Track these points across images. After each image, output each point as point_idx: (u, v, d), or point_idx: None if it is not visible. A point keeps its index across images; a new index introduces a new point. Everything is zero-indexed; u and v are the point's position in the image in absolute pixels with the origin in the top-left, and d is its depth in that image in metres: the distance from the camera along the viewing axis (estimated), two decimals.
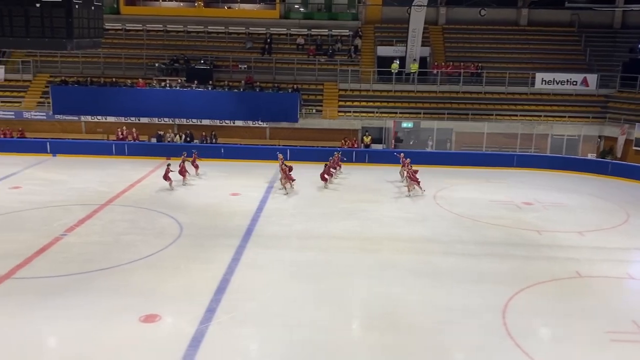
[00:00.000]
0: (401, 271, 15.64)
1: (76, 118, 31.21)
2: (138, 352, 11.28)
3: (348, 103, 32.47)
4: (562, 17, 36.74)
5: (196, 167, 25.98)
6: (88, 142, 30.27)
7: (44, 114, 31.16)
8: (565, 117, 31.42)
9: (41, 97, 32.08)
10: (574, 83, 32.38)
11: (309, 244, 17.58)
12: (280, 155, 24.88)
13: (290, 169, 23.94)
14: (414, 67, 32.89)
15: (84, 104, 30.78)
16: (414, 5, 32.15)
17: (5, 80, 32.86)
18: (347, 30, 36.30)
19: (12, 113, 31.26)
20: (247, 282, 14.70)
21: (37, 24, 18.45)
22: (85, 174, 25.55)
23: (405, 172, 24.66)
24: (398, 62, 32.98)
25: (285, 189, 23.54)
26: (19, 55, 33.13)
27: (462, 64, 33.48)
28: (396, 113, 31.58)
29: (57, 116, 30.94)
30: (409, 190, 23.76)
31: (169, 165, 23.99)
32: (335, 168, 26.18)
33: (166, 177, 23.45)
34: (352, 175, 26.75)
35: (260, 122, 30.98)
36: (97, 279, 14.63)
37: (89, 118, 31.22)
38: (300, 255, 16.61)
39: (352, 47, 35.05)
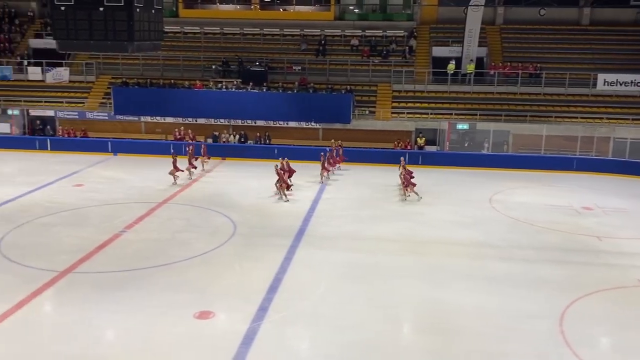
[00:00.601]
0: (453, 275, 15.40)
1: (136, 118, 32.21)
2: (192, 348, 11.53)
3: (402, 104, 32.23)
4: (626, 16, 35.35)
5: (207, 157, 27.11)
6: (147, 141, 31.18)
7: (106, 114, 32.30)
8: (628, 119, 30.19)
9: (103, 98, 33.26)
10: (638, 84, 31.08)
11: (359, 246, 17.55)
12: (283, 160, 23.72)
13: (291, 174, 23.39)
14: (470, 68, 32.34)
15: (144, 105, 31.75)
16: (470, 5, 31.62)
17: (70, 81, 34.22)
18: (402, 31, 36.04)
19: (76, 113, 32.56)
20: (298, 281, 14.81)
21: (100, 27, 19.16)
22: (144, 172, 26.33)
23: (401, 175, 23.32)
24: (454, 63, 32.50)
25: (281, 194, 22.42)
26: (82, 57, 34.43)
27: (520, 64, 32.67)
28: (451, 114, 31.13)
29: (118, 116, 32.01)
30: (404, 194, 22.78)
31: (175, 158, 24.50)
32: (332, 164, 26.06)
33: (174, 169, 24.18)
34: None
35: (313, 123, 31.16)
36: (154, 274, 15.06)
37: (148, 118, 32.17)
38: (351, 257, 16.61)
39: (407, 47, 34.77)
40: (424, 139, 30.63)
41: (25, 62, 34.59)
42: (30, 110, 32.85)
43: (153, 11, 20.33)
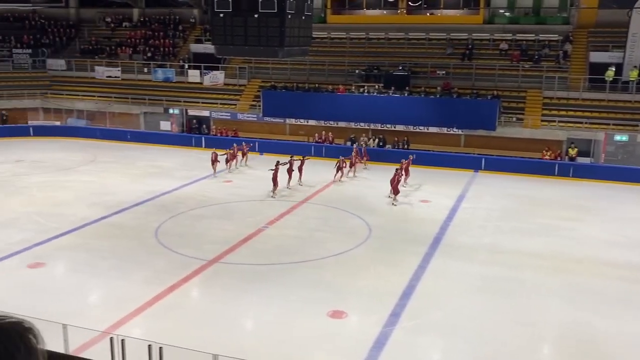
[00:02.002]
0: (605, 299, 14.22)
1: (282, 120, 33.62)
2: (324, 346, 11.79)
3: (553, 112, 30.38)
4: None
5: (245, 157, 28.29)
6: (290, 143, 32.38)
7: (255, 115, 34.06)
8: None
9: (253, 101, 35.11)
10: None
11: (499, 259, 16.83)
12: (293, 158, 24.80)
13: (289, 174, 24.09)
14: (633, 75, 29.66)
15: (290, 108, 33.06)
16: (636, 7, 29.01)
17: (225, 84, 36.55)
18: (556, 35, 33.98)
19: (228, 114, 34.70)
20: (432, 290, 14.54)
21: (254, 33, 20.22)
22: (286, 172, 27.30)
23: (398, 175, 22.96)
24: (614, 69, 30.01)
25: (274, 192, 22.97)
26: (237, 62, 36.60)
27: None
28: (608, 124, 28.77)
29: (266, 118, 33.62)
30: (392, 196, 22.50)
31: (214, 153, 26.09)
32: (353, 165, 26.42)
33: (214, 162, 26.09)
34: (554, 189, 24.97)
35: (455, 129, 30.42)
36: (292, 270, 15.62)
37: (292, 121, 33.42)
38: (489, 270, 15.98)
39: (561, 52, 32.72)
40: (576, 149, 28.62)
41: (186, 66, 37.47)
42: (188, 110, 35.54)
43: (303, 17, 21.06)
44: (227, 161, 27.37)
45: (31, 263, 15.74)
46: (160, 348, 9.11)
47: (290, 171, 24.43)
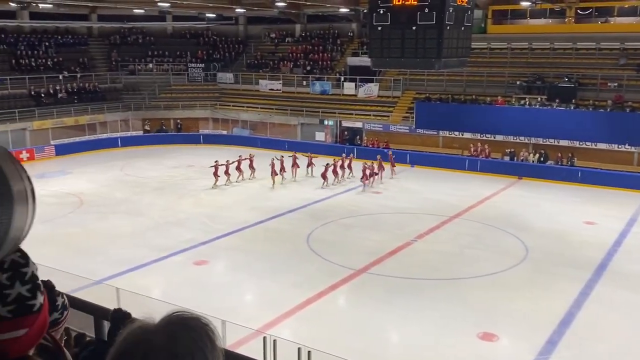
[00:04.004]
0: None
1: (435, 132, 33.10)
2: None
3: None
4: None
5: (252, 169, 27.68)
6: (443, 155, 31.76)
7: (407, 127, 33.91)
8: None
9: (406, 112, 35.00)
10: None
11: None
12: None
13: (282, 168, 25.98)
14: None
15: (444, 120, 32.43)
16: None
17: (378, 96, 36.90)
18: None
19: (381, 126, 34.96)
20: (595, 320, 13.35)
21: (411, 45, 20.13)
22: (438, 185, 26.89)
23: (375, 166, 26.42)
24: None
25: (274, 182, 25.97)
26: (391, 74, 36.74)
27: None
28: None
29: (419, 130, 33.31)
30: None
31: (216, 162, 26.07)
32: (343, 169, 27.38)
33: (215, 173, 25.88)
34: None
35: (627, 146, 27.76)
36: (440, 286, 15.25)
37: (446, 133, 32.75)
38: None
39: None
40: None
41: (342, 78, 38.48)
42: (342, 122, 36.41)
43: (462, 28, 20.56)
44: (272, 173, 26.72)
45: (197, 260, 17.07)
46: (309, 352, 9.35)
47: (335, 171, 26.70)
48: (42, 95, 35.95)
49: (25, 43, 38.39)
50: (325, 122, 36.59)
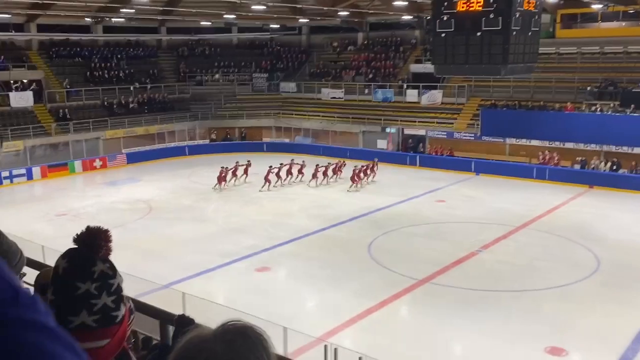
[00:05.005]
0: None
1: (501, 140, 32.27)
2: None
3: None
4: None
5: (246, 174, 29.15)
6: (510, 163, 30.92)
7: (472, 135, 33.24)
8: None
9: (471, 120, 34.32)
10: None
11: None
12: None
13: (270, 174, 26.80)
14: None
15: (510, 127, 31.57)
16: None
17: (442, 103, 36.37)
18: None
19: (445, 133, 34.43)
20: None
21: (475, 51, 19.75)
22: (504, 194, 26.19)
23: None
24: None
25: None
26: (456, 80, 36.16)
27: None
28: None
29: (484, 137, 32.58)
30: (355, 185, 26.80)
31: (223, 167, 27.65)
32: (366, 173, 28.26)
33: (220, 179, 27.31)
34: None
35: None
36: (506, 298, 14.81)
37: (513, 140, 31.87)
38: None
39: None
40: None
41: (405, 86, 38.19)
42: (404, 129, 36.10)
43: (529, 34, 20.01)
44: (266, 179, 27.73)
45: (259, 267, 17.30)
46: None
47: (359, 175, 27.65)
48: (115, 105, 37.60)
49: (99, 56, 40.25)
50: (388, 130, 36.39)
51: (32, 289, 2.29)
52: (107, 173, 33.08)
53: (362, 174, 28.09)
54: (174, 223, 22.15)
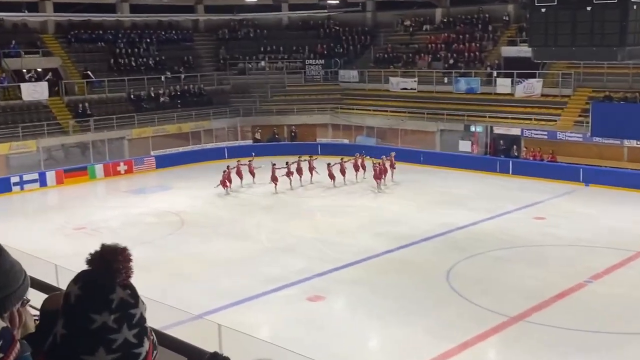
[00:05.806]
0: None
1: (618, 142, 31.27)
2: None
3: None
4: None
5: (252, 174, 30.47)
6: (628, 171, 29.96)
7: (581, 135, 32.32)
8: None
9: (579, 116, 33.42)
10: None
11: None
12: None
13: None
14: None
15: (630, 126, 30.52)
16: None
17: (542, 95, 35.58)
18: None
19: (545, 133, 33.65)
20: None
21: (584, 30, 19.32)
22: (620, 210, 25.37)
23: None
24: None
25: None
26: (559, 67, 35.31)
27: None
28: None
29: (596, 138, 31.63)
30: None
31: (228, 166, 29.22)
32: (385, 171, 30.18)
33: (224, 182, 28.65)
34: None
35: None
36: (628, 343, 14.32)
37: (633, 143, 30.83)
38: None
39: None
40: None
41: (495, 73, 37.62)
42: (494, 128, 35.50)
43: None
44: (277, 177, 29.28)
45: (310, 295, 17.36)
46: None
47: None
48: (143, 99, 38.62)
49: (124, 40, 41.57)
50: (472, 129, 35.93)
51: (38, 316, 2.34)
52: (132, 179, 34.03)
53: (381, 173, 29.92)
54: (209, 240, 22.54)
